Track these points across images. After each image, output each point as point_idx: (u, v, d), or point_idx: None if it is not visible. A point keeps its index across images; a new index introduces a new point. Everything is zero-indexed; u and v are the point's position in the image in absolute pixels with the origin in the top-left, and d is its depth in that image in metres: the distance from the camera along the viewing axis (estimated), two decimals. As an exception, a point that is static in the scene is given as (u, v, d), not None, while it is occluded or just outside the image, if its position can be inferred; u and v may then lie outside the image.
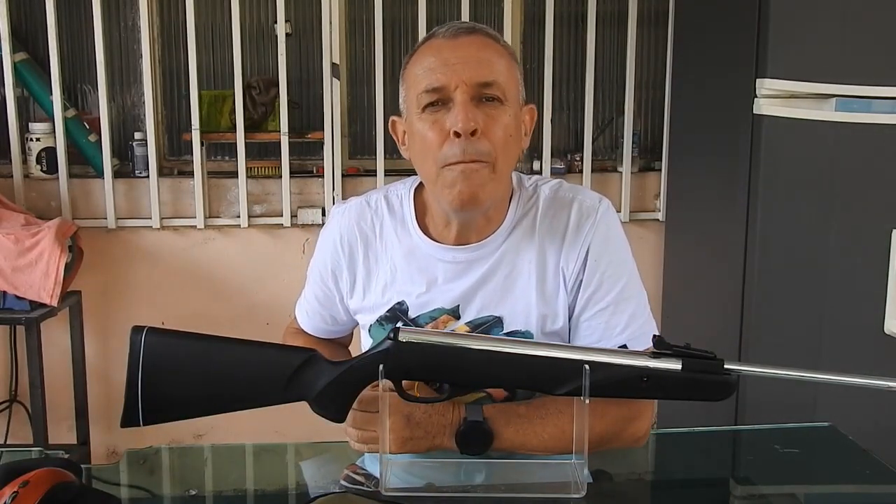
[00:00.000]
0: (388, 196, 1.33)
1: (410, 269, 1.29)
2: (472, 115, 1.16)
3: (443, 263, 1.28)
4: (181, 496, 1.24)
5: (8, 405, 2.89)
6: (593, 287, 1.25)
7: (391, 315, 1.30)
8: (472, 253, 1.27)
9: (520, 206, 1.28)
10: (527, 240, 1.27)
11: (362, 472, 1.26)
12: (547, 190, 1.30)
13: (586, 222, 1.26)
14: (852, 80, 2.20)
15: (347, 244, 1.32)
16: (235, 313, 2.91)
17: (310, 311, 1.42)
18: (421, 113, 1.19)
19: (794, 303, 2.31)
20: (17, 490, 0.95)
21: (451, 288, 1.27)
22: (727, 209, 2.43)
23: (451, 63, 1.17)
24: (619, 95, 2.96)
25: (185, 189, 2.87)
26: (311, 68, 2.96)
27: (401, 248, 1.30)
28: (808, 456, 1.42)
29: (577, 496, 1.10)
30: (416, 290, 1.28)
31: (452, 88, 1.17)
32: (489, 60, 1.19)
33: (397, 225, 1.31)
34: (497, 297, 1.27)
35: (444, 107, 1.18)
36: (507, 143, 1.19)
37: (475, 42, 1.20)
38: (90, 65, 2.86)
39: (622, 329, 1.25)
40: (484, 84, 1.17)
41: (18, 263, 2.48)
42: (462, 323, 1.28)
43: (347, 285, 1.34)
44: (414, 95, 1.20)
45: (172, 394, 1.09)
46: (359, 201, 1.35)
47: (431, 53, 1.20)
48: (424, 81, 1.18)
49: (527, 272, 1.26)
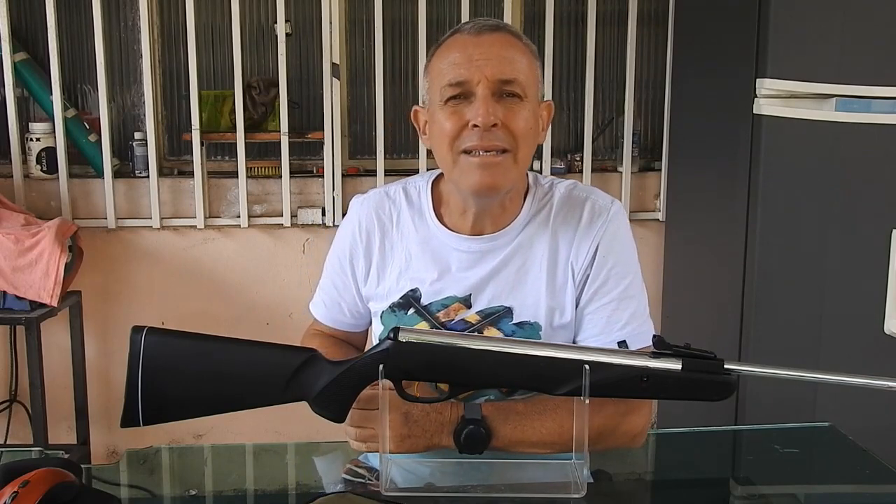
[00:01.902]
0: (407, 187, 1.38)
1: (425, 257, 1.32)
2: (493, 110, 1.20)
3: (457, 252, 1.31)
4: (181, 496, 1.24)
5: (8, 405, 2.89)
6: (599, 282, 1.28)
7: (404, 302, 1.32)
8: (487, 244, 1.30)
9: (535, 202, 1.32)
10: (540, 234, 1.30)
11: (364, 466, 1.28)
12: (562, 189, 1.34)
13: (598, 220, 1.30)
14: (852, 80, 2.20)
15: (365, 232, 1.35)
16: (235, 313, 2.91)
17: (327, 301, 1.43)
18: (443, 105, 1.24)
19: (794, 303, 2.31)
20: (17, 490, 0.95)
21: (465, 277, 1.30)
22: (727, 209, 2.43)
23: (475, 59, 1.21)
24: (619, 95, 2.96)
25: (185, 189, 2.87)
26: (311, 68, 2.96)
27: (417, 236, 1.33)
28: (808, 456, 1.42)
29: (577, 496, 1.10)
30: (429, 277, 1.31)
31: (475, 83, 1.21)
32: (511, 58, 1.23)
33: (415, 214, 1.34)
34: (508, 288, 1.29)
35: (465, 100, 1.22)
36: (526, 134, 1.24)
37: (499, 40, 1.24)
38: (90, 65, 2.86)
39: (623, 325, 1.27)
40: (505, 81, 1.21)
41: (18, 263, 2.48)
42: (473, 312, 1.30)
43: (363, 272, 1.36)
44: (437, 88, 1.24)
45: (172, 394, 1.09)
46: (378, 192, 1.39)
47: (456, 49, 1.24)
48: (448, 75, 1.22)
49: (538, 265, 1.29)
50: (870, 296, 2.13)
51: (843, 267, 2.29)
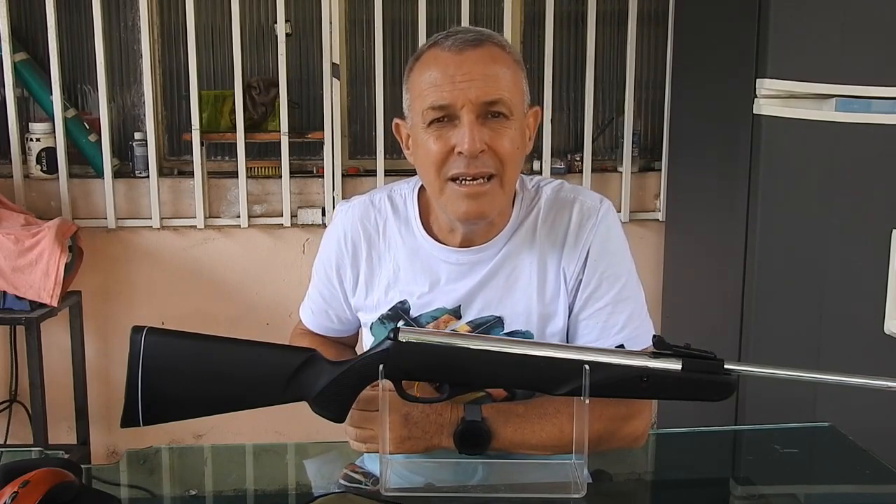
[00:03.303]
0: (392, 196, 1.34)
1: (414, 269, 1.30)
2: (479, 136, 1.17)
3: (446, 265, 1.29)
4: (181, 496, 1.24)
5: (8, 405, 2.89)
6: (592, 286, 1.27)
7: (393, 314, 1.31)
8: (476, 255, 1.28)
9: (522, 208, 1.30)
10: (529, 242, 1.28)
11: (361, 471, 1.27)
12: (549, 191, 1.31)
13: (587, 223, 1.27)
14: (852, 80, 2.20)
15: (351, 242, 1.33)
16: (235, 313, 2.91)
17: (315, 309, 1.42)
18: (426, 127, 1.20)
19: (794, 303, 2.31)
20: (17, 490, 0.95)
21: (454, 288, 1.29)
22: (727, 209, 2.43)
23: (457, 81, 1.17)
24: (619, 95, 2.96)
25: (185, 189, 2.87)
26: (311, 68, 2.96)
27: (404, 247, 1.31)
28: (808, 456, 1.42)
29: (577, 496, 1.10)
30: (418, 289, 1.29)
31: (459, 107, 1.17)
32: (495, 76, 1.18)
33: (401, 225, 1.32)
34: (498, 298, 1.28)
35: (449, 123, 1.19)
36: (513, 155, 1.21)
37: (482, 56, 1.19)
38: (90, 65, 2.86)
39: (620, 329, 1.26)
40: (490, 102, 1.18)
41: (18, 263, 2.48)
42: (463, 322, 1.29)
43: (350, 283, 1.34)
44: (419, 109, 1.21)
45: (172, 394, 1.09)
46: (362, 200, 1.36)
47: (437, 67, 1.19)
48: (430, 98, 1.18)
49: (528, 273, 1.28)
50: (870, 296, 2.14)
51: (843, 267, 2.29)
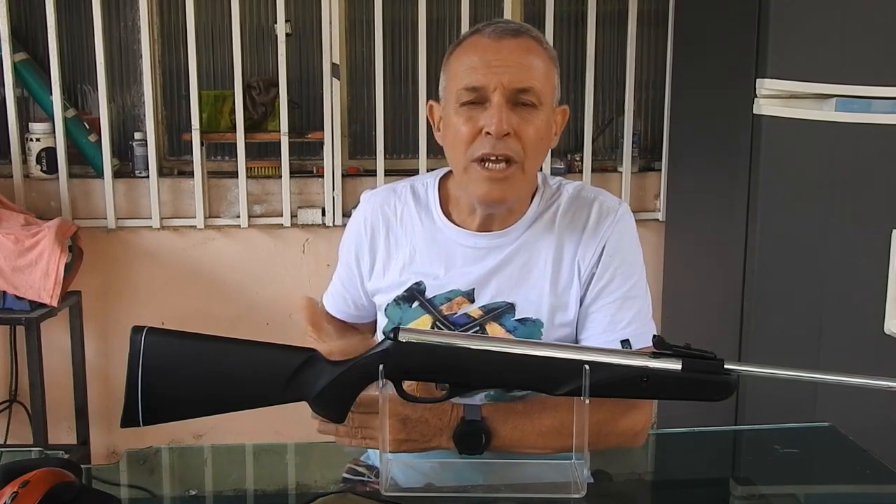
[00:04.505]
0: (415, 185, 1.40)
1: (431, 252, 1.33)
2: (507, 118, 1.21)
3: (463, 248, 1.32)
4: (181, 496, 1.24)
5: (8, 405, 2.89)
6: (605, 281, 1.29)
7: (408, 295, 1.34)
8: (493, 240, 1.32)
9: (542, 202, 1.34)
10: (546, 233, 1.31)
11: (364, 465, 1.28)
12: (570, 189, 1.35)
13: (605, 220, 1.31)
14: (852, 80, 2.20)
15: (370, 227, 1.38)
16: (235, 313, 2.91)
17: (334, 293, 1.48)
18: (458, 107, 1.24)
19: (794, 303, 2.31)
20: (17, 490, 0.95)
21: (469, 271, 1.31)
22: (727, 209, 2.43)
23: (493, 65, 1.22)
24: (619, 95, 2.96)
25: (185, 189, 2.87)
26: (311, 68, 2.96)
27: (423, 231, 1.35)
28: (808, 456, 1.42)
29: (577, 496, 1.10)
30: (434, 271, 1.33)
31: (491, 90, 1.21)
32: (529, 66, 1.23)
33: (421, 211, 1.36)
34: (512, 284, 1.30)
35: (480, 105, 1.23)
36: (537, 144, 1.25)
37: (519, 46, 1.24)
38: (90, 65, 2.86)
39: (626, 324, 1.28)
40: (521, 89, 1.22)
41: (18, 263, 2.48)
42: (476, 306, 1.31)
43: (367, 266, 1.39)
44: (453, 89, 1.25)
45: (172, 394, 1.09)
46: (386, 188, 1.42)
47: (475, 52, 1.24)
48: (465, 79, 1.23)
49: (543, 263, 1.30)
50: (870, 296, 2.13)
51: (843, 267, 2.29)
